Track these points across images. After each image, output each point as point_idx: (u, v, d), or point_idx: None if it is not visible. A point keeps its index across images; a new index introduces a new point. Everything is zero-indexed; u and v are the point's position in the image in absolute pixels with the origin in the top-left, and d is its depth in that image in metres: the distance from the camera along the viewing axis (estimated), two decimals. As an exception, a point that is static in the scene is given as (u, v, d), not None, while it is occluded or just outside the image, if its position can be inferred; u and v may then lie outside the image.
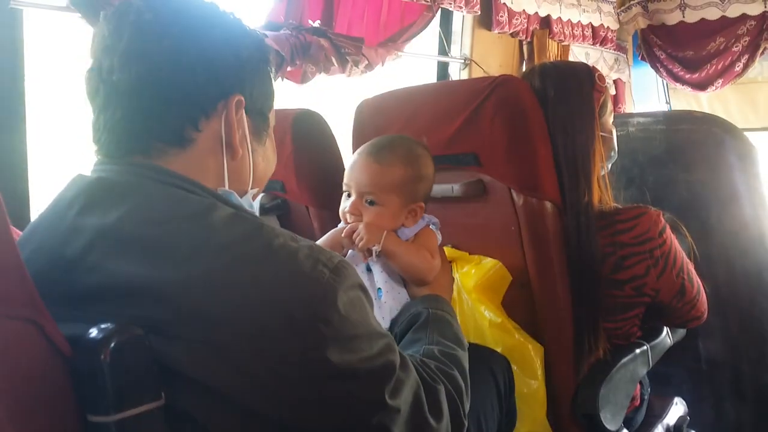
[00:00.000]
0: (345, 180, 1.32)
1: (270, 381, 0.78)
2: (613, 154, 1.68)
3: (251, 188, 1.01)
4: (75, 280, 0.81)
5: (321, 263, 0.82)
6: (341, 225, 1.35)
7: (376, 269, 1.29)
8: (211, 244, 0.80)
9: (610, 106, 1.64)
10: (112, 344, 0.71)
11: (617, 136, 1.70)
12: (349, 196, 1.32)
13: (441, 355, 1.07)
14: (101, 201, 0.85)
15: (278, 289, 0.79)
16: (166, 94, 0.89)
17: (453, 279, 1.40)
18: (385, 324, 1.24)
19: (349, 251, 1.31)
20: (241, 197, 0.97)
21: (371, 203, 1.29)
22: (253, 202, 1.01)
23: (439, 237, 1.36)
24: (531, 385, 1.49)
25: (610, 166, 1.70)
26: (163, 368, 0.76)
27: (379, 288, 1.27)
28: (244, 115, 0.95)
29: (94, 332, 0.72)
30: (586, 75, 1.58)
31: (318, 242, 1.32)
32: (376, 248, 1.25)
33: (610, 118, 1.65)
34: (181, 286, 0.77)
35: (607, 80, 1.64)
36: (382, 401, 0.85)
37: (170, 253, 0.79)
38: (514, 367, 1.47)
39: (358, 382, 0.84)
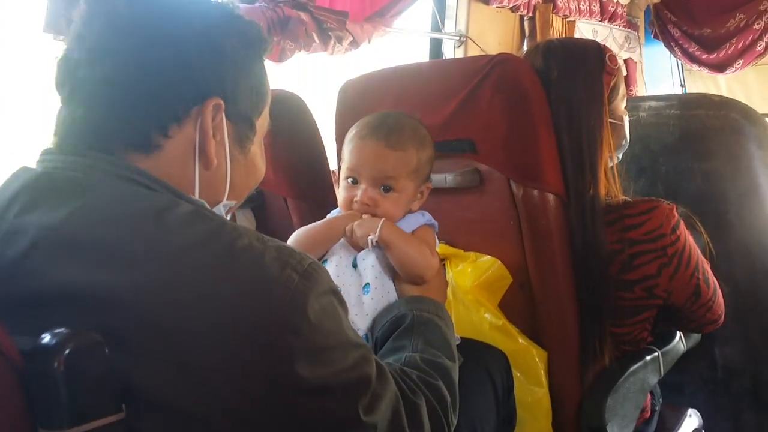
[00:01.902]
0: (351, 166, 1.32)
1: (233, 397, 0.77)
2: (624, 143, 1.68)
3: (227, 200, 1.00)
4: (16, 286, 0.79)
5: (290, 267, 0.81)
6: (335, 214, 1.36)
7: (367, 263, 1.29)
8: (167, 246, 0.79)
9: (622, 89, 1.64)
10: (67, 351, 0.70)
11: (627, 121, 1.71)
12: (354, 182, 1.33)
13: (424, 363, 1.06)
14: (46, 197, 0.84)
15: (241, 295, 0.78)
16: (133, 96, 0.88)
17: (447, 283, 1.40)
18: (367, 323, 1.24)
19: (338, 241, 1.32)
20: (211, 207, 0.95)
21: (388, 190, 1.31)
22: (224, 214, 1.00)
23: (437, 241, 1.37)
24: (535, 393, 1.50)
25: (621, 156, 1.71)
26: (120, 384, 0.75)
27: (367, 283, 1.27)
28: (224, 119, 0.94)
29: (46, 338, 0.70)
30: (596, 55, 1.58)
31: (310, 229, 1.32)
32: (372, 237, 1.25)
33: (621, 104, 1.65)
34: (135, 294, 0.76)
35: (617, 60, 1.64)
36: (356, 418, 0.85)
37: (123, 257, 0.78)
38: (517, 374, 1.48)
39: (331, 398, 0.83)
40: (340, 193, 1.35)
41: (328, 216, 1.38)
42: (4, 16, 2.19)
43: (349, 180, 1.33)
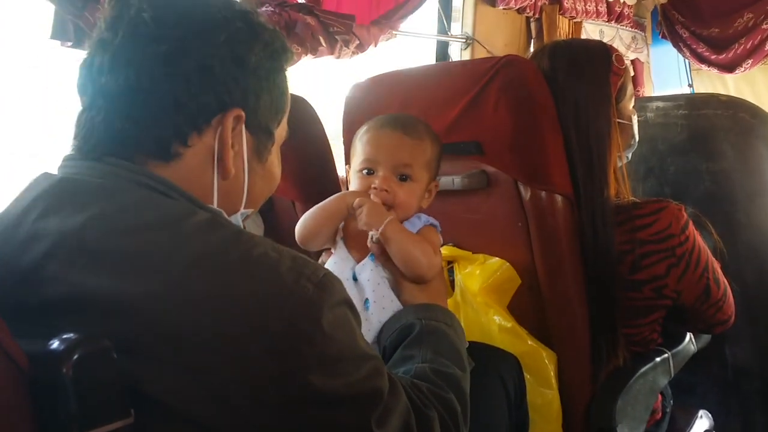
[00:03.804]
0: (367, 156, 1.31)
1: (246, 406, 0.77)
2: (633, 142, 1.68)
3: (243, 209, 1.00)
4: (32, 291, 0.79)
5: (305, 277, 0.81)
6: (343, 193, 1.35)
7: (363, 277, 1.27)
8: (182, 254, 0.79)
9: (630, 89, 1.63)
10: (75, 357, 0.70)
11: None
12: (369, 173, 1.31)
13: (435, 375, 1.05)
14: (65, 203, 0.84)
15: (256, 305, 0.78)
16: (154, 104, 0.88)
17: (446, 284, 1.39)
18: (371, 337, 1.22)
19: (331, 260, 1.31)
20: (228, 216, 0.96)
21: (404, 179, 1.30)
22: (241, 223, 1.00)
23: (440, 239, 1.36)
24: (545, 395, 1.49)
25: (630, 156, 1.70)
26: (129, 390, 0.74)
27: (367, 299, 1.25)
28: (243, 130, 0.94)
29: (54, 343, 0.71)
30: (603, 56, 1.58)
31: (318, 206, 1.31)
32: (374, 233, 1.24)
33: (629, 104, 1.64)
34: (151, 301, 0.76)
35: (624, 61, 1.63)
36: (368, 430, 0.84)
37: (139, 265, 0.78)
38: (527, 376, 1.47)
39: (343, 409, 0.83)
40: (354, 186, 1.33)
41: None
42: (9, 22, 2.21)
43: (364, 171, 1.32)
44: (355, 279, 1.29)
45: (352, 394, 0.83)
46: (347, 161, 1.41)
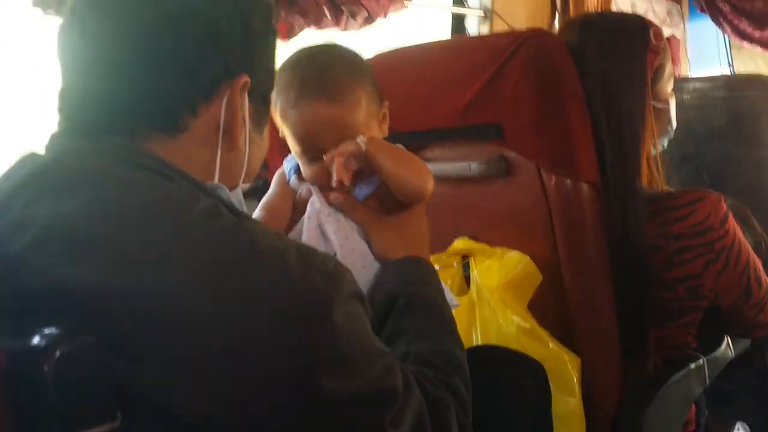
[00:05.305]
0: (304, 147, 1.23)
1: (252, 408, 0.77)
2: (669, 129, 1.68)
3: (242, 182, 1.01)
4: (16, 283, 0.79)
5: (313, 269, 0.82)
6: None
7: (329, 230, 1.21)
8: (183, 244, 0.79)
9: (669, 69, 1.62)
10: (57, 354, 0.70)
11: (670, 105, 1.69)
12: (315, 158, 1.22)
13: (436, 359, 1.05)
14: (55, 187, 0.84)
15: (262, 298, 0.78)
16: (161, 71, 0.88)
17: (427, 220, 1.35)
18: None
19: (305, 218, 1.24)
20: (229, 191, 0.96)
21: None
22: (242, 198, 1.01)
23: None
24: (568, 403, 1.48)
25: (665, 144, 1.70)
26: (120, 392, 0.74)
27: (334, 254, 1.19)
28: (246, 99, 0.95)
29: (35, 339, 0.71)
30: (639, 31, 1.56)
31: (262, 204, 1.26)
32: (360, 144, 1.16)
33: (668, 86, 1.63)
34: (148, 295, 0.76)
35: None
36: (381, 430, 0.85)
37: (135, 255, 0.78)
38: (548, 383, 1.47)
39: (356, 411, 0.83)
40: (309, 169, 1.24)
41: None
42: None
43: (306, 157, 1.24)
44: (322, 234, 1.22)
45: (365, 394, 0.84)
46: None
